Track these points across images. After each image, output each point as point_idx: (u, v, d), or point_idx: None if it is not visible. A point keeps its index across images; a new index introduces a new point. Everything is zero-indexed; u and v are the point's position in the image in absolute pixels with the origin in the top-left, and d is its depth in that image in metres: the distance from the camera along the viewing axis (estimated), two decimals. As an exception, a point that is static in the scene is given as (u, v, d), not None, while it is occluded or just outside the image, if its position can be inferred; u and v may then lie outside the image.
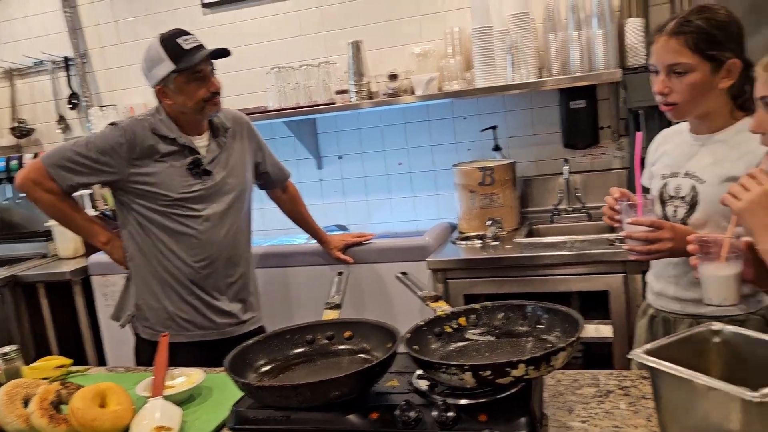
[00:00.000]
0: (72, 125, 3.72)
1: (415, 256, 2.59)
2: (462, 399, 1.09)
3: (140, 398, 1.37)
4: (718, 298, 1.25)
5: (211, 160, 2.06)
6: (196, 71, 1.94)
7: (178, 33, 1.96)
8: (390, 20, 3.04)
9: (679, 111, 1.52)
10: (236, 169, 2.13)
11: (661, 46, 1.48)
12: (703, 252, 1.25)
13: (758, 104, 1.20)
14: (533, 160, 3.01)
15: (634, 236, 1.45)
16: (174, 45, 1.93)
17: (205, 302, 2.07)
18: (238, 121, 2.20)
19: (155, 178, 1.99)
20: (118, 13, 3.47)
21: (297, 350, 1.31)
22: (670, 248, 1.42)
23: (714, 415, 0.89)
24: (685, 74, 1.46)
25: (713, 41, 1.44)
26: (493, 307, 1.30)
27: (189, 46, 1.93)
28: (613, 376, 1.34)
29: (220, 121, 2.11)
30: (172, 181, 2.00)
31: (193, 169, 2.01)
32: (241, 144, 2.17)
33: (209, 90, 1.98)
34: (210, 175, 2.04)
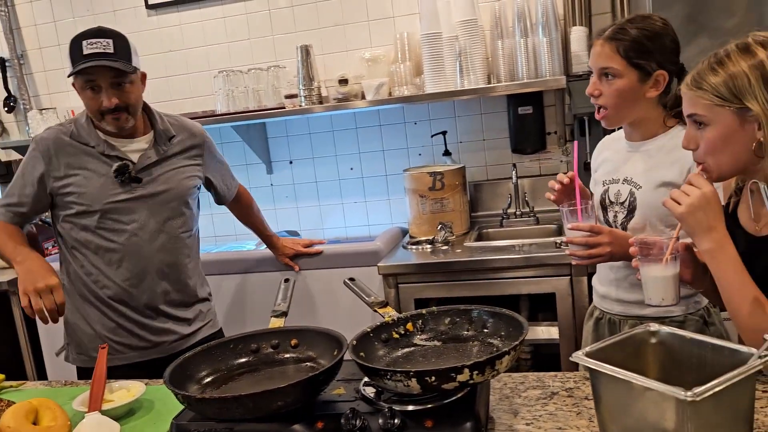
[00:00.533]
0: (9, 129, 3.57)
1: (366, 261, 2.58)
2: (409, 405, 1.09)
3: (77, 413, 1.32)
4: (657, 298, 1.29)
5: (143, 167, 1.88)
6: (89, 80, 1.77)
7: (90, 34, 1.78)
8: (339, 25, 3.03)
9: (610, 118, 1.57)
10: (176, 179, 1.94)
11: (597, 50, 1.54)
12: (644, 254, 1.29)
13: (687, 121, 1.24)
14: (483, 164, 3.05)
15: (575, 241, 1.49)
16: (76, 46, 1.77)
17: (138, 322, 1.89)
18: (190, 133, 2.02)
19: (77, 188, 1.83)
20: (57, 13, 3.35)
21: (241, 360, 1.29)
22: (610, 252, 1.47)
23: (650, 414, 0.91)
24: (613, 79, 1.51)
25: (643, 51, 1.49)
26: (439, 313, 1.30)
27: (88, 50, 1.74)
28: (558, 378, 1.36)
29: (164, 127, 1.95)
30: (95, 190, 1.83)
31: (119, 176, 1.83)
32: (189, 156, 1.99)
33: (100, 104, 1.79)
34: (140, 183, 1.86)
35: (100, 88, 1.78)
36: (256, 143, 3.18)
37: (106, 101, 1.78)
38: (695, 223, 1.18)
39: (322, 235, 3.28)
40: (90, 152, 1.85)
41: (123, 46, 1.80)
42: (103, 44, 1.76)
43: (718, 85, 1.15)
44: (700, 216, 1.17)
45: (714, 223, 1.17)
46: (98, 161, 1.85)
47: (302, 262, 2.67)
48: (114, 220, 1.85)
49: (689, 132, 1.23)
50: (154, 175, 1.90)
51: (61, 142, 1.85)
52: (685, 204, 1.18)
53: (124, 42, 1.81)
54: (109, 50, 1.76)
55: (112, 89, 1.78)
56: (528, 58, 2.66)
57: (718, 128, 1.17)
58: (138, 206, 1.86)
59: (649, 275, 1.29)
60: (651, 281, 1.29)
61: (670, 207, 1.21)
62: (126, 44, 1.81)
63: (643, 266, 1.29)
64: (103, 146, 1.85)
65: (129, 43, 1.83)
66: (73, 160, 1.85)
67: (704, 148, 1.20)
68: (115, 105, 1.78)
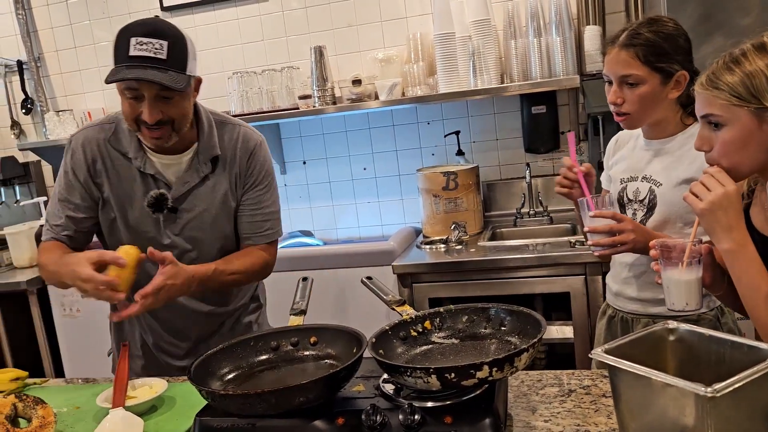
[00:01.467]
0: (27, 130, 3.62)
1: (380, 260, 2.59)
2: (428, 402, 1.10)
3: (101, 409, 1.34)
4: (681, 303, 1.25)
5: (181, 194, 1.60)
6: (130, 88, 1.46)
7: (142, 30, 1.46)
8: (353, 25, 3.05)
9: (632, 121, 1.56)
10: (213, 213, 1.64)
11: (613, 58, 1.52)
12: (665, 257, 1.26)
13: (701, 122, 1.22)
14: (496, 164, 3.06)
15: (599, 229, 1.47)
16: (124, 41, 1.45)
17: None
18: (241, 143, 1.67)
19: (113, 201, 1.61)
20: (73, 16, 3.39)
21: (261, 357, 1.31)
22: (633, 240, 1.45)
23: (670, 410, 0.92)
24: (636, 85, 1.50)
25: (661, 53, 1.49)
26: (457, 311, 1.31)
27: (135, 52, 1.43)
28: (575, 376, 1.37)
29: (208, 144, 1.62)
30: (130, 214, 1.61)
31: (155, 210, 1.59)
32: (230, 175, 1.66)
33: (137, 114, 1.48)
34: (176, 213, 1.60)
35: (142, 98, 1.47)
36: (270, 144, 3.15)
37: (146, 115, 1.47)
38: (715, 222, 1.16)
39: (335, 234, 3.30)
40: (126, 162, 1.60)
41: (180, 50, 1.47)
42: (155, 47, 1.43)
43: (736, 85, 1.14)
44: (720, 215, 1.16)
45: (734, 222, 1.16)
46: (137, 177, 1.60)
47: (317, 262, 2.69)
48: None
49: (702, 133, 1.21)
50: (192, 204, 1.62)
51: (94, 147, 1.61)
52: (706, 201, 1.16)
53: (182, 45, 1.48)
54: (161, 55, 1.43)
55: (156, 101, 1.47)
56: (541, 58, 2.66)
57: (735, 128, 1.16)
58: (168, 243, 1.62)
59: (671, 279, 1.25)
60: (674, 285, 1.25)
61: (690, 202, 1.19)
62: (183, 48, 1.48)
63: (665, 270, 1.25)
64: (141, 160, 1.59)
65: (187, 47, 1.50)
66: (110, 167, 1.61)
67: (720, 149, 1.19)
68: (157, 120, 1.48)
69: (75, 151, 1.62)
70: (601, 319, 1.77)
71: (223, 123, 1.68)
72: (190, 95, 1.54)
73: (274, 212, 1.72)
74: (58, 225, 1.62)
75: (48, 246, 1.61)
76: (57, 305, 2.97)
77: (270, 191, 1.71)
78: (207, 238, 1.65)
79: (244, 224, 1.68)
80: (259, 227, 1.68)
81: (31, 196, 3.51)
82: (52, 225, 1.63)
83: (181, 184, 1.61)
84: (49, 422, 1.27)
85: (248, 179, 1.67)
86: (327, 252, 2.79)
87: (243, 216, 1.68)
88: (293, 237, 3.13)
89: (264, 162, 1.69)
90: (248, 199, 1.67)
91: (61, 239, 1.61)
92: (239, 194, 1.67)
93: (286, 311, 1.46)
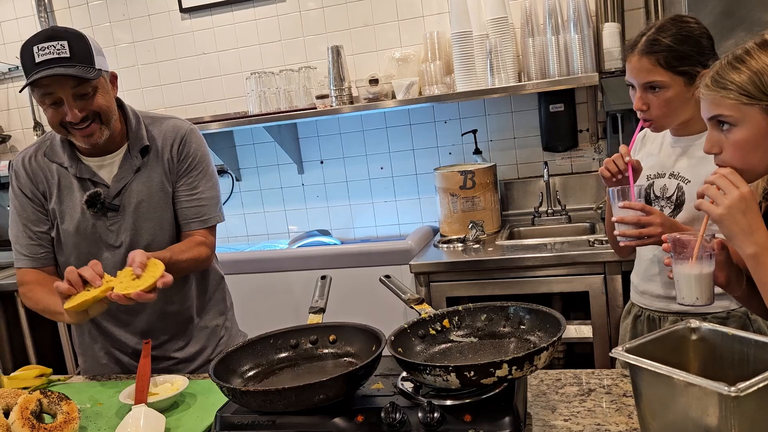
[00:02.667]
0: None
1: (397, 259, 2.60)
2: (447, 400, 1.10)
3: (124, 406, 1.36)
4: (691, 297, 1.24)
5: (118, 191, 1.64)
6: (46, 93, 1.49)
7: (41, 37, 1.49)
8: (369, 25, 3.05)
9: (660, 125, 1.56)
10: (151, 202, 1.66)
11: (634, 66, 1.51)
12: (676, 251, 1.25)
13: (709, 124, 1.19)
14: (513, 163, 3.05)
15: (626, 220, 1.46)
16: (28, 53, 1.49)
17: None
18: (170, 132, 1.71)
19: (58, 213, 1.64)
20: (94, 18, 3.44)
21: (281, 355, 1.31)
22: (661, 233, 1.43)
23: (693, 410, 0.91)
24: (660, 90, 1.49)
25: (683, 56, 1.47)
26: (475, 309, 1.31)
27: (40, 57, 1.47)
28: (595, 375, 1.36)
29: (136, 136, 1.66)
30: (74, 223, 1.63)
31: (90, 207, 1.62)
32: (162, 165, 1.69)
33: (62, 119, 1.52)
34: (117, 210, 1.64)
35: (61, 101, 1.50)
36: (288, 143, 3.23)
37: (69, 115, 1.50)
38: (735, 226, 1.12)
39: (352, 234, 3.31)
40: (64, 174, 1.64)
41: (82, 46, 1.52)
42: (56, 48, 1.48)
43: (744, 83, 1.11)
44: (739, 218, 1.11)
45: (755, 225, 1.11)
46: (72, 185, 1.64)
47: (335, 261, 2.70)
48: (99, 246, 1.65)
49: (712, 135, 1.18)
50: (134, 197, 1.65)
51: (35, 164, 1.66)
52: (723, 206, 1.12)
53: (83, 42, 1.53)
54: (65, 54, 1.48)
55: (75, 100, 1.51)
56: (559, 56, 2.65)
57: (747, 128, 1.12)
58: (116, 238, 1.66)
59: (682, 273, 1.24)
60: (684, 279, 1.24)
61: (706, 209, 1.15)
62: (85, 44, 1.53)
63: (677, 264, 1.25)
64: (76, 167, 1.63)
65: (89, 43, 1.54)
66: (51, 180, 1.65)
67: (732, 150, 1.15)
68: (81, 117, 1.51)
69: (17, 171, 1.67)
70: (626, 318, 1.75)
71: (153, 118, 1.73)
72: (108, 89, 1.58)
73: (211, 197, 1.73)
74: (32, 244, 1.66)
75: (32, 278, 1.65)
76: (79, 303, 3.01)
77: (206, 177, 1.73)
78: (152, 227, 1.67)
79: (181, 210, 1.70)
80: (196, 213, 1.70)
81: (53, 196, 3.55)
82: (24, 247, 1.66)
83: (117, 181, 1.64)
84: (73, 418, 1.29)
85: (181, 165, 1.70)
86: (345, 251, 2.80)
87: (180, 202, 1.70)
88: (311, 236, 3.15)
89: (197, 148, 1.72)
90: (183, 184, 1.70)
91: (39, 259, 1.66)
92: (173, 180, 1.70)
93: (303, 310, 1.47)
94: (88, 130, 1.54)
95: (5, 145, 3.74)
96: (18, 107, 3.68)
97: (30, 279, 1.65)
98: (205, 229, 1.72)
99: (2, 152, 3.76)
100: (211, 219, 1.72)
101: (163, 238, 1.68)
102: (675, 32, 1.48)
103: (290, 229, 3.37)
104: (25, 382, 1.57)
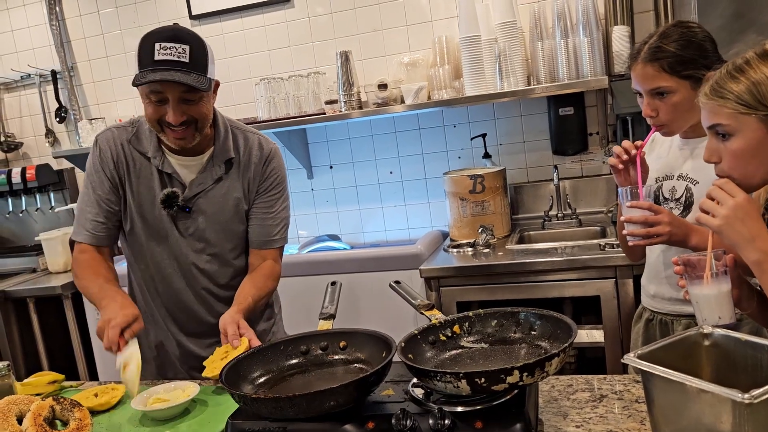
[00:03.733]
0: (61, 138, 3.71)
1: (407, 264, 2.60)
2: (458, 407, 1.09)
3: (136, 412, 1.37)
4: (713, 317, 1.19)
5: (194, 194, 1.67)
6: (155, 91, 1.52)
7: (165, 35, 1.52)
8: (378, 30, 3.06)
9: (670, 129, 1.56)
10: (224, 214, 1.70)
11: (639, 73, 1.51)
12: (689, 273, 1.21)
13: (708, 133, 1.19)
14: (523, 167, 3.04)
15: (634, 219, 1.45)
16: (148, 47, 1.50)
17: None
18: (256, 150, 1.73)
19: (133, 200, 1.67)
20: (105, 25, 3.47)
21: (292, 361, 1.32)
22: (669, 232, 1.42)
23: (706, 417, 0.90)
24: (667, 95, 1.49)
25: (686, 61, 1.47)
26: (486, 315, 1.31)
27: (160, 56, 1.49)
28: (606, 381, 1.35)
29: (223, 147, 1.68)
30: (147, 213, 1.67)
31: (166, 207, 1.65)
32: (242, 180, 1.72)
33: (161, 116, 1.55)
34: (190, 213, 1.67)
35: (166, 100, 1.53)
36: (297, 149, 3.24)
37: (171, 116, 1.53)
38: (735, 235, 1.11)
39: (362, 238, 3.31)
40: (145, 162, 1.67)
41: (201, 54, 1.54)
42: (178, 51, 1.49)
43: (742, 93, 1.11)
44: (739, 227, 1.10)
45: (756, 231, 1.10)
46: (152, 176, 1.67)
47: (344, 266, 2.70)
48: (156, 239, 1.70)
49: (711, 144, 1.19)
50: (206, 206, 1.68)
51: (117, 144, 1.68)
52: (720, 216, 1.11)
53: (203, 49, 1.55)
54: (184, 58, 1.50)
55: (179, 104, 1.53)
56: (569, 59, 2.64)
57: (744, 137, 1.12)
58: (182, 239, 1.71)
59: (699, 294, 1.20)
60: (703, 300, 1.19)
61: (705, 221, 1.14)
62: (204, 52, 1.55)
63: (692, 286, 1.21)
64: (159, 160, 1.66)
65: (207, 50, 1.57)
66: (131, 166, 1.67)
67: (730, 159, 1.15)
68: (181, 121, 1.54)
69: (102, 148, 1.69)
70: (637, 322, 1.74)
71: (240, 130, 1.75)
72: (211, 97, 1.61)
73: (284, 218, 1.78)
74: (96, 221, 1.67)
75: (87, 259, 1.67)
76: (91, 309, 3.03)
77: (282, 198, 1.77)
78: (219, 239, 1.71)
79: (254, 227, 1.73)
80: (269, 232, 1.74)
81: (65, 202, 3.59)
82: (89, 221, 1.67)
83: (196, 185, 1.67)
84: (86, 424, 1.30)
85: (262, 184, 1.73)
86: (354, 256, 2.80)
87: (254, 219, 1.73)
88: (321, 241, 3.15)
89: (279, 169, 1.76)
90: (261, 203, 1.73)
91: (99, 238, 1.67)
92: (251, 198, 1.73)
93: (315, 315, 1.47)
94: (183, 133, 1.57)
95: (18, 152, 3.78)
96: (30, 114, 3.72)
97: (84, 259, 1.67)
98: (275, 249, 1.76)
99: (15, 159, 3.80)
100: (281, 240, 1.77)
101: (226, 248, 1.73)
102: (677, 38, 1.48)
103: (300, 234, 3.38)
104: (38, 388, 1.58)
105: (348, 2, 3.08)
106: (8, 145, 3.73)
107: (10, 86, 3.70)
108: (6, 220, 3.71)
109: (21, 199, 3.55)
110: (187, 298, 1.73)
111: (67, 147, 3.64)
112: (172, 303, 1.74)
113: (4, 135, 3.73)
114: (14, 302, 3.12)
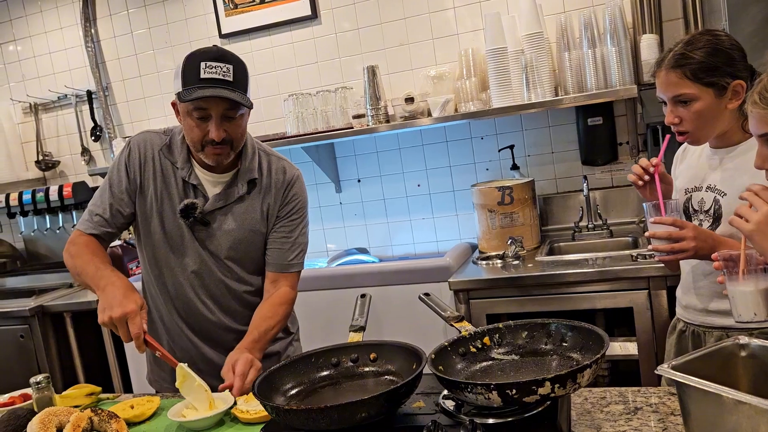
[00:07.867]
0: (96, 156, 3.80)
1: (436, 276, 2.59)
2: (489, 418, 1.09)
3: (172, 423, 1.39)
4: (749, 314, 1.21)
5: (213, 209, 1.70)
6: (199, 107, 1.57)
7: (211, 55, 1.58)
8: (404, 44, 3.09)
9: (695, 138, 1.54)
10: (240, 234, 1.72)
11: (662, 80, 1.51)
12: (728, 269, 1.23)
13: (759, 141, 1.18)
14: (552, 177, 3.02)
15: (658, 234, 1.44)
16: (193, 66, 1.57)
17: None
18: (279, 174, 1.77)
19: (155, 205, 1.71)
20: (138, 46, 3.56)
21: (323, 373, 1.33)
22: (694, 247, 1.41)
23: (743, 429, 0.89)
24: (690, 103, 1.48)
25: (710, 68, 1.46)
26: (516, 326, 1.30)
27: (207, 74, 1.55)
28: (641, 393, 1.33)
29: (248, 167, 1.72)
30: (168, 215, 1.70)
31: (184, 217, 1.67)
32: (262, 202, 1.75)
33: (205, 134, 1.59)
34: (207, 226, 1.70)
35: (209, 118, 1.58)
36: (325, 163, 3.27)
37: (214, 133, 1.58)
38: (766, 242, 1.11)
39: (390, 251, 3.32)
40: (171, 173, 1.71)
41: (242, 74, 1.61)
42: (223, 70, 1.56)
43: None
44: None
45: None
46: (177, 185, 1.71)
47: (374, 279, 2.71)
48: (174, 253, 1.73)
49: (762, 151, 1.17)
50: (227, 220, 1.71)
51: (152, 148, 1.72)
52: (753, 221, 1.12)
53: (244, 69, 1.62)
54: (229, 77, 1.57)
55: (222, 121, 1.58)
56: (596, 69, 2.63)
57: None
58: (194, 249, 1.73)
59: (736, 290, 1.22)
60: (739, 296, 1.21)
61: (737, 225, 1.15)
62: (245, 72, 1.62)
63: (730, 282, 1.23)
64: (187, 171, 1.70)
65: (247, 71, 1.64)
66: (158, 172, 1.71)
67: None
68: (223, 138, 1.59)
69: (132, 150, 1.73)
70: (671, 334, 1.71)
71: (267, 153, 1.79)
72: (247, 116, 1.66)
73: (303, 244, 1.80)
74: (104, 218, 1.70)
75: (85, 241, 1.69)
76: (125, 323, 3.09)
77: (302, 224, 1.80)
78: (234, 254, 1.74)
79: (272, 251, 1.76)
80: (286, 256, 1.76)
81: (100, 218, 3.66)
82: (96, 215, 1.71)
83: (217, 199, 1.70)
84: None
85: (283, 209, 1.76)
86: (383, 269, 2.81)
87: (273, 243, 1.76)
88: (349, 254, 3.17)
89: (300, 194, 1.80)
90: (281, 227, 1.76)
91: (100, 231, 1.70)
92: (271, 223, 1.76)
93: (342, 328, 1.48)
94: (221, 150, 1.62)
95: (55, 170, 3.89)
96: (67, 134, 3.83)
97: (82, 241, 1.69)
98: (292, 274, 1.78)
99: (52, 177, 3.91)
100: (298, 265, 1.79)
101: (240, 263, 1.75)
102: (703, 45, 1.47)
103: (329, 247, 3.40)
104: (77, 400, 1.62)
105: (374, 17, 3.11)
106: (46, 164, 3.84)
107: (47, 107, 3.82)
108: (44, 237, 3.81)
109: (58, 216, 3.64)
110: (199, 307, 1.76)
111: (102, 165, 3.73)
112: (184, 311, 1.77)
113: (42, 154, 3.84)
114: (52, 317, 3.20)
